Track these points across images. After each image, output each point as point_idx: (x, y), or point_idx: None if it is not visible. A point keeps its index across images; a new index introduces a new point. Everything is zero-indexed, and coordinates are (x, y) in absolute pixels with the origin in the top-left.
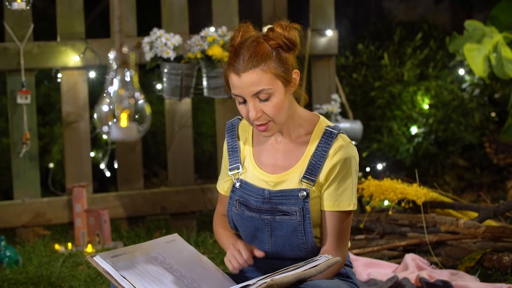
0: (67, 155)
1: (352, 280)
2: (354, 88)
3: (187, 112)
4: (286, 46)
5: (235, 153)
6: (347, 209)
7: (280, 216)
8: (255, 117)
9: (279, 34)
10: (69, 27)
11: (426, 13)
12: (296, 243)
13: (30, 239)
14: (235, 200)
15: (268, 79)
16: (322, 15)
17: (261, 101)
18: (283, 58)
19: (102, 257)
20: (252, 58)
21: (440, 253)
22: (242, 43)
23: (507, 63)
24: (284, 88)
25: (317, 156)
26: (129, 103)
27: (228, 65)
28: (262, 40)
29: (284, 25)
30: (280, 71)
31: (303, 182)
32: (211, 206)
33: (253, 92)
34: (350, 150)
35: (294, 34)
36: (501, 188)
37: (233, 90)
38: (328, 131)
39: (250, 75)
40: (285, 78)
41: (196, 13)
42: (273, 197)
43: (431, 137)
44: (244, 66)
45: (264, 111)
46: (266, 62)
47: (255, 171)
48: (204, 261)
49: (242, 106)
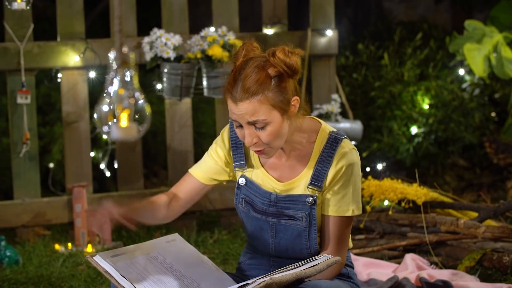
0: (67, 155)
1: (353, 281)
2: (354, 88)
3: (187, 112)
4: (287, 73)
5: (239, 148)
6: (346, 214)
7: (286, 220)
8: (250, 144)
9: (280, 61)
10: (69, 27)
11: (426, 13)
12: (299, 248)
13: (30, 239)
14: (242, 198)
15: (264, 110)
16: (322, 15)
17: (257, 129)
18: (283, 86)
19: (102, 257)
20: (250, 87)
21: (440, 253)
22: (242, 68)
23: (507, 63)
24: (281, 117)
25: (322, 162)
26: (129, 103)
27: (226, 89)
28: (261, 66)
29: (286, 50)
30: (278, 101)
31: (310, 189)
32: (211, 206)
33: (248, 121)
34: (353, 157)
35: (296, 60)
36: (501, 188)
37: (230, 115)
38: (332, 137)
39: (247, 105)
40: (282, 108)
41: (196, 13)
42: (280, 201)
43: (431, 137)
44: (241, 96)
45: (260, 138)
46: (263, 93)
47: (262, 174)
48: (204, 260)
49: (239, 130)
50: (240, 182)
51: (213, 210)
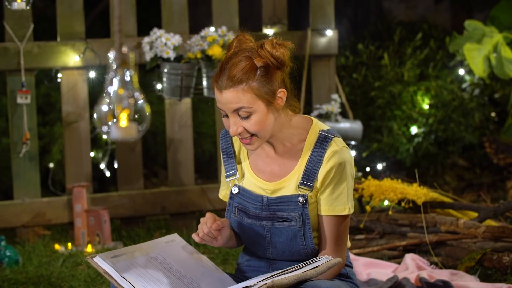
0: (67, 155)
1: (352, 281)
2: (354, 88)
3: (187, 112)
4: (273, 65)
5: (230, 159)
6: (342, 213)
7: (280, 222)
8: (235, 133)
9: (267, 52)
10: (69, 27)
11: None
12: (296, 249)
13: (30, 239)
14: (234, 207)
15: (248, 99)
16: (322, 15)
17: (242, 118)
18: (268, 78)
19: (102, 258)
20: (234, 76)
21: (440, 253)
22: (230, 58)
23: (507, 63)
24: (266, 108)
25: (312, 161)
26: (128, 103)
27: (213, 78)
28: (248, 56)
29: (274, 42)
30: (262, 91)
31: (301, 188)
32: (211, 206)
33: (232, 109)
34: (344, 154)
35: (283, 52)
36: (501, 188)
37: (217, 104)
38: (322, 136)
39: (230, 93)
40: (267, 99)
41: (196, 13)
42: (272, 204)
43: (431, 137)
44: (226, 84)
45: (245, 127)
46: (247, 82)
47: (252, 178)
48: (204, 261)
49: (225, 119)
50: (233, 191)
51: (213, 210)
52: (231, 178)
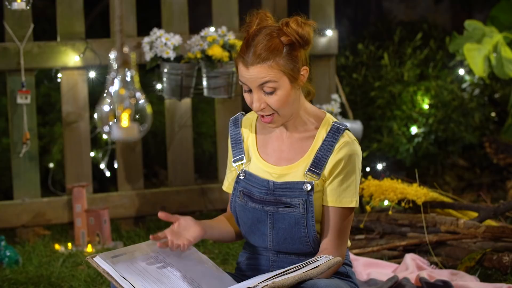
0: (67, 155)
1: (351, 280)
2: (354, 88)
3: (187, 112)
4: (299, 43)
5: (239, 144)
6: (349, 205)
7: (283, 208)
8: (258, 109)
9: (293, 30)
10: (69, 27)
11: (426, 13)
12: (298, 236)
13: (30, 239)
14: (239, 191)
15: (274, 75)
16: (322, 15)
17: (266, 94)
18: (294, 55)
19: (102, 258)
20: (261, 53)
21: (440, 253)
22: (255, 35)
23: (507, 63)
24: (290, 84)
25: (323, 150)
26: (130, 103)
27: (239, 53)
28: (275, 34)
29: (299, 21)
30: (288, 68)
31: (308, 175)
32: (211, 206)
33: (258, 84)
34: (355, 147)
35: (308, 31)
36: (501, 188)
37: (240, 78)
38: (335, 127)
39: (257, 69)
40: (292, 75)
41: (196, 13)
42: (277, 189)
43: (431, 137)
44: (253, 60)
45: (268, 103)
46: (275, 59)
47: (258, 162)
48: (204, 260)
49: (247, 95)
50: (240, 176)
51: (213, 210)
52: (238, 163)
